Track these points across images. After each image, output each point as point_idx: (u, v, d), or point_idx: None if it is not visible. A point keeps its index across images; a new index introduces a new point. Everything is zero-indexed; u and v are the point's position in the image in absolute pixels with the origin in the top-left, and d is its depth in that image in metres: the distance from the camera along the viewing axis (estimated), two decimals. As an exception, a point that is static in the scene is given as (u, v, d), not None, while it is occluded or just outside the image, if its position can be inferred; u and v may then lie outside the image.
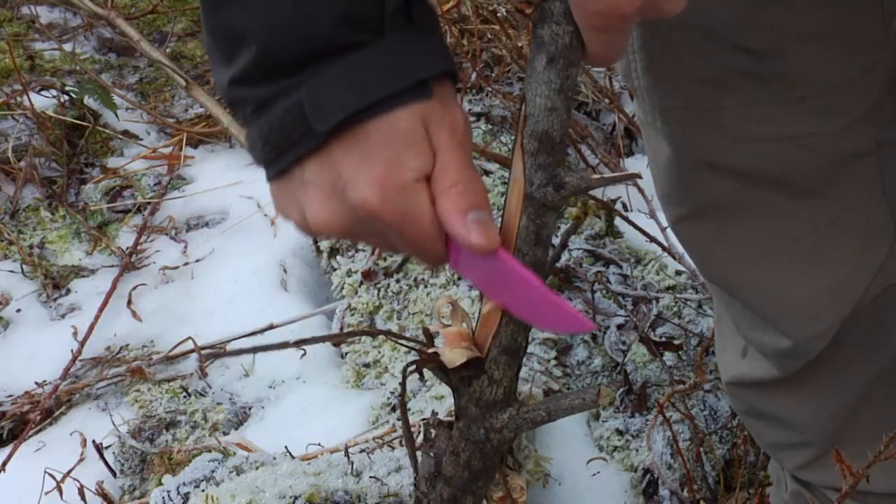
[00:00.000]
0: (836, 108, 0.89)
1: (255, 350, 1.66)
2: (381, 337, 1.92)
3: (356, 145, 0.66)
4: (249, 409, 1.82)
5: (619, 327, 1.84)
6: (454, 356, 0.71)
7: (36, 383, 1.88)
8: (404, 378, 0.80)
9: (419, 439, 1.52)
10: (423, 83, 0.67)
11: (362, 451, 1.51)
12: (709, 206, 0.97)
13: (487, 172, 2.13)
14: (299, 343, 0.67)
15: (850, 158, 0.92)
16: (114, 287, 2.06)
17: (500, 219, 0.71)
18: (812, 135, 0.89)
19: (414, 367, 0.75)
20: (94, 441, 1.66)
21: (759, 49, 0.85)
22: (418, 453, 0.82)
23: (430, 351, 0.73)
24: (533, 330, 1.81)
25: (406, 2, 0.66)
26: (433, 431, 0.78)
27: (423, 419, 0.79)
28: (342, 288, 2.02)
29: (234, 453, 1.57)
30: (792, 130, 0.89)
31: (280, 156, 0.68)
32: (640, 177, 0.70)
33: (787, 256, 0.97)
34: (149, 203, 2.35)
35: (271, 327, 1.93)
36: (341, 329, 1.95)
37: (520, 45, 2.32)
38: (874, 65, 0.88)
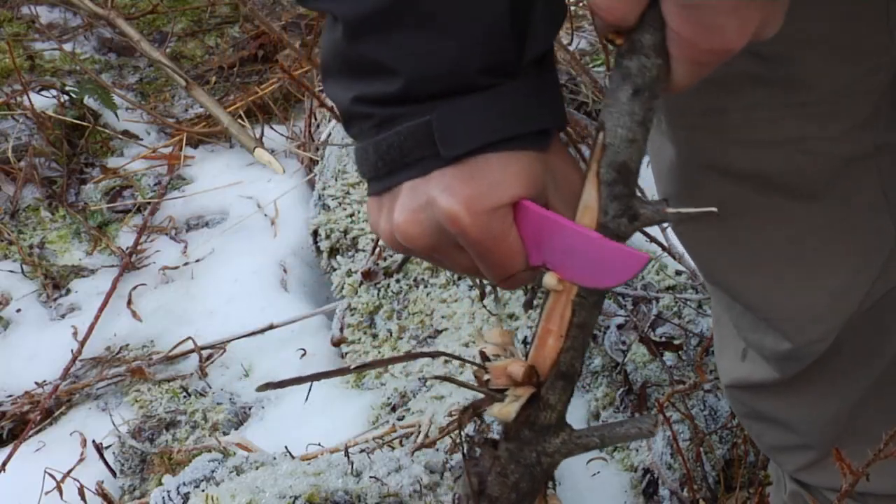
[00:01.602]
0: (839, 112, 0.89)
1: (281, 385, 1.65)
2: (381, 337, 1.92)
3: (454, 174, 0.68)
4: (249, 409, 1.82)
5: (619, 327, 1.84)
6: (508, 411, 0.72)
7: (36, 383, 1.88)
8: (461, 426, 0.80)
9: (419, 439, 1.52)
10: (545, 132, 0.70)
11: (362, 451, 1.51)
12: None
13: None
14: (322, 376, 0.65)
15: (851, 162, 0.92)
16: (114, 287, 2.06)
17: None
18: (815, 139, 0.90)
19: (472, 411, 0.76)
20: (94, 441, 1.66)
21: (765, 53, 0.85)
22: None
23: (487, 394, 0.74)
24: (534, 328, 1.81)
25: (543, 52, 0.69)
26: (478, 450, 0.78)
27: (468, 437, 0.78)
28: (342, 288, 2.02)
29: (234, 453, 1.57)
30: (795, 134, 0.89)
31: (392, 173, 0.70)
32: (717, 213, 0.70)
33: (788, 259, 0.97)
34: (149, 203, 2.35)
35: (271, 327, 1.93)
36: (341, 329, 1.95)
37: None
38: (877, 69, 0.88)
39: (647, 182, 2.07)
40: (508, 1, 0.65)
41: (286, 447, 1.54)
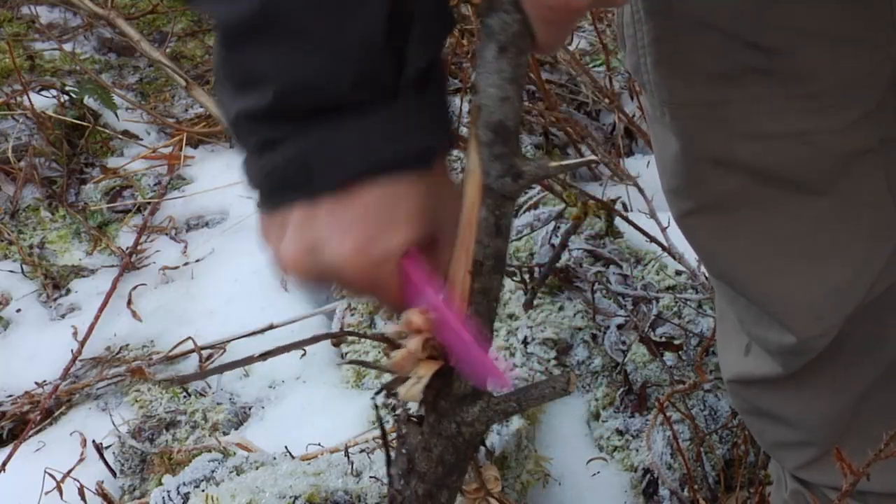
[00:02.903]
0: (843, 105, 0.89)
1: (247, 361, 1.66)
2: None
3: (340, 210, 0.67)
4: (249, 409, 1.82)
5: (619, 327, 1.84)
6: (413, 393, 0.72)
7: (36, 383, 1.88)
8: (376, 407, 0.80)
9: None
10: (425, 152, 0.68)
11: (362, 451, 1.51)
12: (715, 201, 0.98)
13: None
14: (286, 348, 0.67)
15: (856, 156, 0.92)
16: (114, 287, 2.06)
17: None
18: (819, 132, 0.90)
19: (383, 392, 0.76)
20: (94, 441, 1.66)
21: (769, 45, 0.86)
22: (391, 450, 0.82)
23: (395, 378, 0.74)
24: (533, 329, 1.81)
25: (423, 71, 0.67)
26: (404, 428, 0.78)
27: (395, 415, 0.79)
28: (342, 288, 2.02)
29: (234, 453, 1.57)
30: (799, 127, 0.89)
31: (275, 194, 0.70)
32: (598, 161, 0.71)
33: (792, 253, 0.97)
34: (149, 203, 2.35)
35: (271, 327, 1.93)
36: (341, 328, 1.95)
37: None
38: (881, 62, 0.88)
39: (647, 182, 2.07)
40: (384, 13, 0.63)
41: (286, 447, 1.54)
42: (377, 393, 0.78)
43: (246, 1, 0.63)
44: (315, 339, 1.50)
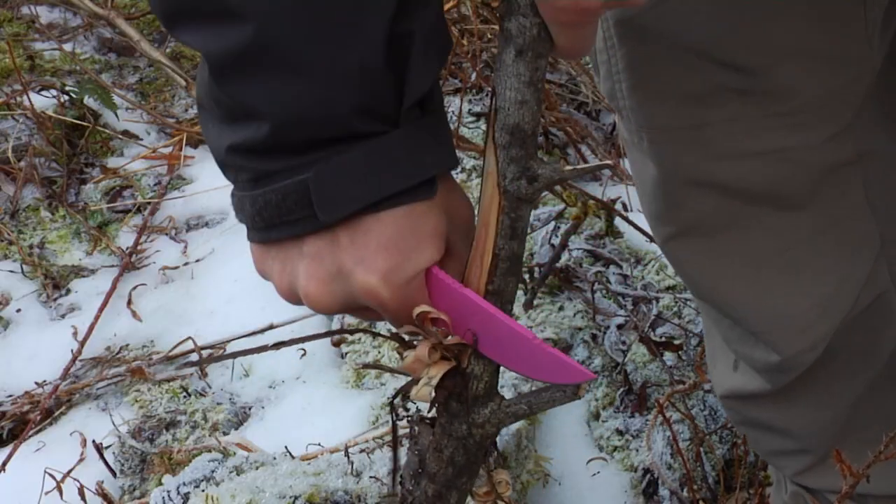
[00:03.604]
0: (820, 121, 0.89)
1: (247, 352, 1.66)
2: (381, 336, 1.92)
3: (361, 236, 0.66)
4: (249, 409, 1.82)
5: (619, 327, 1.84)
6: (423, 393, 0.72)
7: (36, 383, 1.88)
8: (393, 404, 0.80)
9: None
10: (432, 180, 0.67)
11: (362, 451, 1.51)
12: (696, 223, 0.98)
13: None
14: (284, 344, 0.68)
15: (834, 170, 0.93)
16: (114, 287, 2.06)
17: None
18: (797, 148, 0.90)
19: (401, 395, 0.75)
20: (94, 441, 1.66)
21: (745, 65, 0.85)
22: (402, 450, 0.82)
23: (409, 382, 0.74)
24: (534, 328, 1.81)
25: (424, 94, 0.66)
26: (416, 428, 0.78)
27: (408, 416, 0.79)
28: (342, 288, 2.02)
29: (234, 453, 1.57)
30: (778, 144, 0.89)
31: (271, 227, 0.67)
32: (612, 165, 0.70)
33: (774, 270, 0.97)
34: (149, 203, 2.35)
35: (271, 327, 1.93)
36: (341, 327, 1.95)
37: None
38: (857, 78, 0.88)
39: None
40: (383, 37, 0.61)
41: (286, 447, 1.54)
42: (394, 396, 0.78)
43: (237, 32, 0.60)
44: (318, 336, 1.50)
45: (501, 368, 0.74)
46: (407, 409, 0.79)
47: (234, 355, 1.60)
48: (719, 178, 0.92)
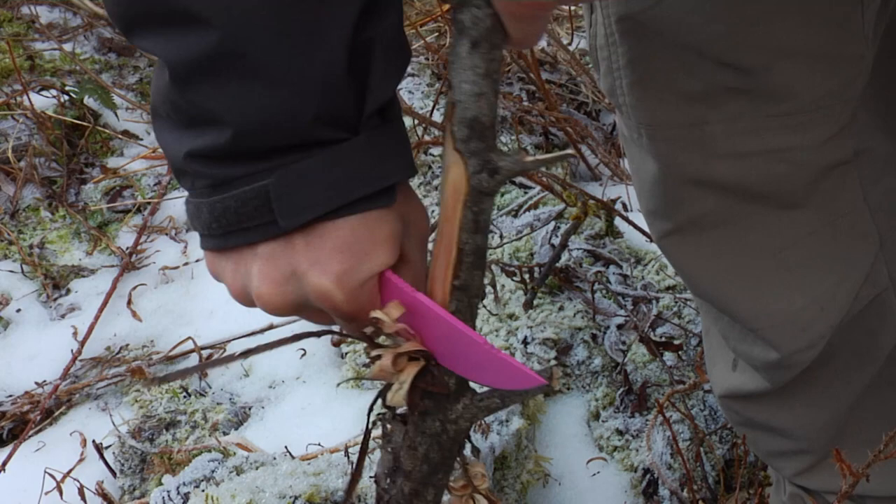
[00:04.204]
0: (819, 121, 0.89)
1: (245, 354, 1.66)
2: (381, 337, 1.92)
3: (317, 239, 0.66)
4: (249, 409, 1.82)
5: (619, 327, 1.84)
6: (398, 398, 0.72)
7: (36, 383, 1.88)
8: (369, 413, 0.80)
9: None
10: (391, 188, 0.67)
11: (362, 451, 1.51)
12: (694, 221, 0.98)
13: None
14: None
15: (832, 169, 0.93)
16: (114, 287, 2.06)
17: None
18: (797, 147, 0.90)
19: (380, 400, 0.76)
20: (94, 441, 1.66)
21: (745, 65, 0.85)
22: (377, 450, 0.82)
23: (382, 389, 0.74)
24: (533, 329, 1.81)
25: (385, 103, 0.66)
26: (388, 426, 0.78)
27: (378, 414, 0.79)
28: (342, 288, 2.02)
29: (234, 453, 1.57)
30: (776, 144, 0.90)
31: (228, 234, 0.67)
32: (575, 155, 0.69)
33: (773, 269, 0.97)
34: (149, 203, 2.35)
35: (271, 327, 1.93)
36: (341, 329, 1.95)
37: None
38: (855, 77, 0.88)
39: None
40: (345, 45, 0.61)
41: (286, 447, 1.54)
42: (372, 403, 0.78)
43: (200, 38, 0.60)
44: (298, 337, 1.49)
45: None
46: (388, 410, 0.78)
47: (227, 360, 1.61)
48: (718, 177, 0.93)
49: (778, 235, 0.95)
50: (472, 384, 0.75)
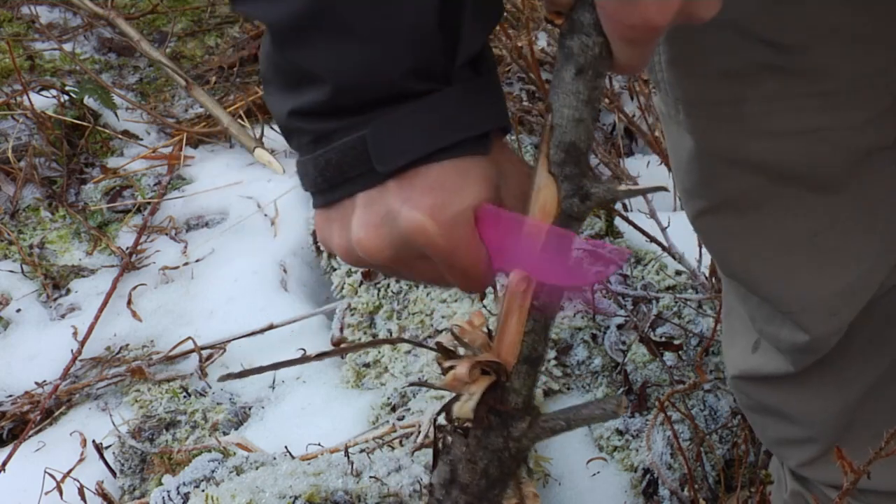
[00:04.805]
0: (858, 102, 0.89)
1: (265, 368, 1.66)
2: (381, 337, 1.92)
3: (410, 183, 0.67)
4: (249, 409, 1.82)
5: (619, 327, 1.84)
6: (466, 409, 0.72)
7: (36, 383, 1.88)
8: (434, 422, 0.80)
9: (419, 439, 1.52)
10: (485, 136, 0.68)
11: (362, 451, 1.51)
12: (730, 199, 0.98)
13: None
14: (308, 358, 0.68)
15: (871, 153, 0.92)
16: (114, 287, 2.06)
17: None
18: (834, 129, 0.90)
19: (444, 411, 0.75)
20: (94, 441, 1.66)
21: (784, 43, 0.85)
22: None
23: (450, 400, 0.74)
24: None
25: (477, 54, 0.67)
26: (449, 438, 0.78)
27: (439, 425, 0.79)
28: (342, 288, 2.02)
29: (234, 453, 1.57)
30: (814, 124, 0.89)
31: (334, 188, 0.69)
32: (667, 189, 0.70)
33: (807, 251, 0.97)
34: (149, 203, 2.35)
35: (271, 327, 1.93)
36: (341, 329, 1.95)
37: (519, 45, 2.32)
38: (895, 60, 0.88)
39: (648, 182, 2.06)
40: (434, 2, 0.63)
41: (286, 447, 1.54)
42: (437, 413, 0.78)
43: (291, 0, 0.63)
44: (337, 352, 1.48)
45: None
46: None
47: (248, 373, 1.61)
48: (754, 156, 0.93)
49: (813, 219, 0.95)
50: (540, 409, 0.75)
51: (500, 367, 0.72)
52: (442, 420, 0.77)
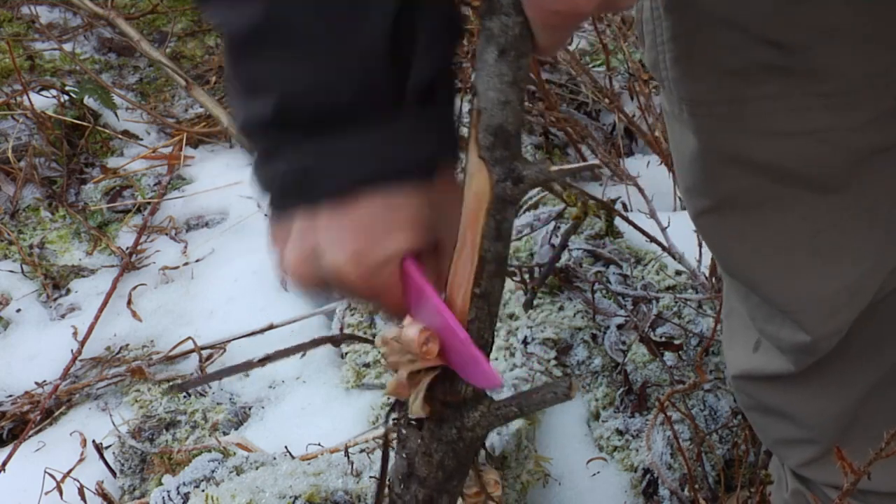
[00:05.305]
0: (861, 103, 0.89)
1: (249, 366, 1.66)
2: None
3: (338, 216, 0.67)
4: (249, 409, 1.82)
5: (619, 327, 1.84)
6: (416, 408, 0.72)
7: (36, 383, 1.88)
8: (387, 419, 0.80)
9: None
10: (424, 168, 0.68)
11: (362, 451, 1.51)
12: (731, 199, 0.98)
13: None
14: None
15: (873, 154, 0.92)
16: (114, 287, 2.06)
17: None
18: (837, 130, 0.90)
19: (395, 419, 0.76)
20: (94, 441, 1.66)
21: (787, 43, 0.85)
22: (391, 454, 0.82)
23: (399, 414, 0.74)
24: (533, 329, 1.81)
25: (429, 81, 0.66)
26: (404, 432, 0.78)
27: (394, 419, 0.79)
28: (342, 288, 2.02)
29: (234, 453, 1.57)
30: (817, 125, 0.89)
31: (280, 200, 0.70)
32: (601, 166, 0.70)
33: (808, 251, 0.97)
34: (149, 203, 2.35)
35: (271, 327, 1.93)
36: (341, 329, 1.95)
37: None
38: None
39: (646, 182, 2.06)
40: (389, 22, 0.62)
41: (286, 447, 1.54)
42: (389, 412, 0.78)
43: (250, 10, 0.63)
44: (316, 343, 1.50)
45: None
46: (403, 416, 0.78)
47: (222, 374, 1.61)
48: (756, 156, 0.93)
49: (814, 219, 0.95)
50: (489, 392, 0.75)
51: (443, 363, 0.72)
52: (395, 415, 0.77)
